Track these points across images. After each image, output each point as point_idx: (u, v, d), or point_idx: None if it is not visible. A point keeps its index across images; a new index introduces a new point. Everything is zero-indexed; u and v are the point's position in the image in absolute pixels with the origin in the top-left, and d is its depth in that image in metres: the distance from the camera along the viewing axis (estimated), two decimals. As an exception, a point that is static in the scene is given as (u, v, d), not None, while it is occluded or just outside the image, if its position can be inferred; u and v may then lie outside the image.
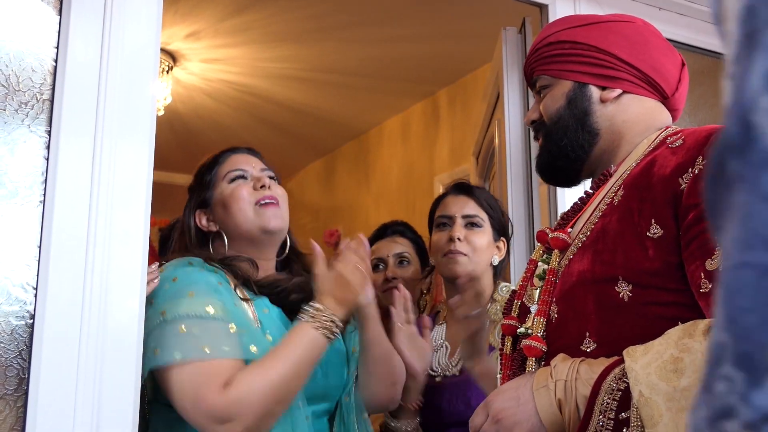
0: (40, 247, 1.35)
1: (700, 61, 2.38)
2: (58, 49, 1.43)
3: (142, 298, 1.40)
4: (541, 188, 2.27)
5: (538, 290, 1.18)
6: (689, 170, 1.02)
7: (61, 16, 1.44)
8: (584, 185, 1.31)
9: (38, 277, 1.34)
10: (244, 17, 3.69)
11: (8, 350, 1.31)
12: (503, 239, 1.97)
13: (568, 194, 2.01)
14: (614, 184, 1.16)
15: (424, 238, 2.25)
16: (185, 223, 1.60)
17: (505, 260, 1.99)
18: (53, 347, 1.31)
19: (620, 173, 1.17)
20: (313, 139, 5.53)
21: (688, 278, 0.99)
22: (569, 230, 1.19)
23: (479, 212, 1.92)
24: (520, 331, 1.18)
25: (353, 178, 5.57)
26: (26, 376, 1.30)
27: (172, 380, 1.32)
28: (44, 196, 1.37)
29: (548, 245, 1.21)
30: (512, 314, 1.25)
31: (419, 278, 2.26)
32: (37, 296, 1.33)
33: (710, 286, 0.95)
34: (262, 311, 1.47)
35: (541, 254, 1.24)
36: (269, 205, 1.54)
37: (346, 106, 4.85)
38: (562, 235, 1.18)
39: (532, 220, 2.26)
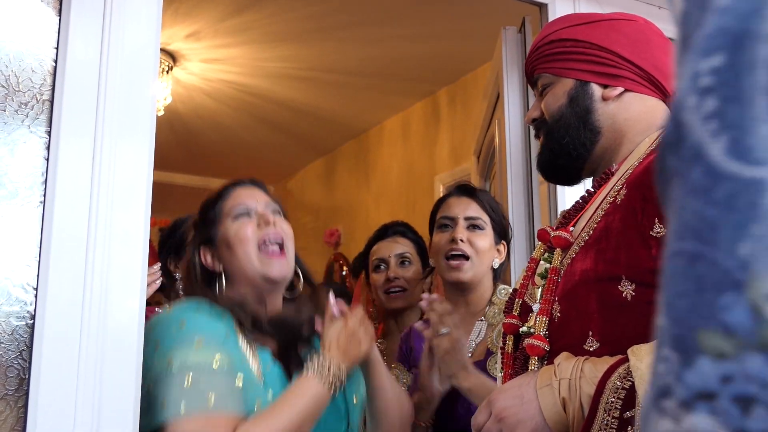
0: (40, 247, 1.35)
1: (700, 59, 2.38)
2: (57, 49, 1.43)
3: (142, 298, 1.40)
4: (541, 187, 2.27)
5: (540, 289, 1.18)
6: None
7: (60, 16, 1.43)
8: (585, 184, 1.31)
9: (38, 277, 1.34)
10: (244, 17, 3.69)
11: (9, 350, 1.31)
12: (503, 243, 1.97)
13: (568, 193, 2.00)
14: (616, 182, 1.15)
15: (424, 238, 2.25)
16: (190, 260, 1.59)
17: (504, 263, 1.99)
18: (54, 347, 1.31)
19: (622, 172, 1.17)
20: (313, 138, 5.53)
21: None
22: (571, 229, 1.19)
23: (482, 215, 1.92)
24: (522, 329, 1.18)
25: (353, 177, 5.56)
26: (27, 376, 1.30)
27: None
28: (44, 196, 1.37)
29: (550, 244, 1.21)
30: (513, 313, 1.24)
31: (420, 278, 2.26)
32: (37, 296, 1.33)
33: None
34: (266, 367, 1.46)
35: (542, 253, 1.24)
36: (273, 252, 1.53)
37: (346, 105, 4.85)
38: (564, 233, 1.17)
39: (532, 219, 2.26)
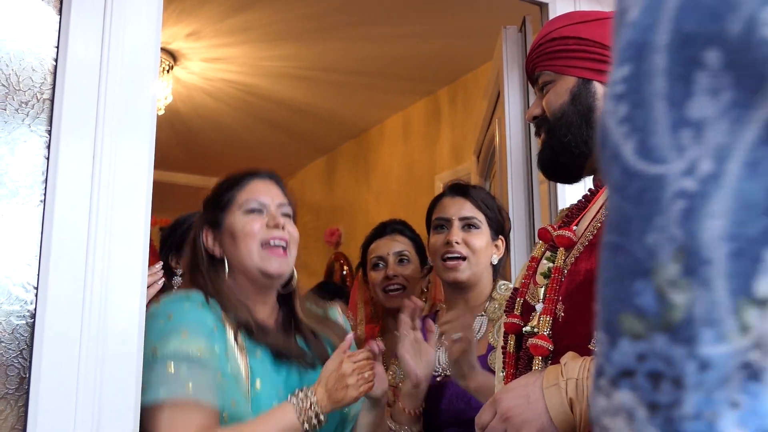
0: (40, 246, 1.35)
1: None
2: (58, 48, 1.42)
3: (142, 297, 1.40)
4: (541, 186, 2.26)
5: (542, 288, 1.17)
6: None
7: (61, 15, 1.43)
8: (585, 182, 1.31)
9: (39, 276, 1.34)
10: (244, 16, 3.69)
11: (9, 350, 1.31)
12: (501, 237, 1.96)
13: (568, 192, 2.00)
14: (619, 182, 1.15)
15: (423, 237, 2.25)
16: (195, 239, 1.60)
17: (504, 258, 1.99)
18: (54, 346, 1.31)
19: (624, 171, 1.16)
20: (313, 137, 5.52)
21: None
22: (574, 228, 1.18)
23: (476, 213, 1.91)
24: (525, 329, 1.17)
25: (354, 176, 5.56)
26: (27, 375, 1.30)
27: (155, 417, 1.36)
28: (45, 195, 1.37)
29: (552, 243, 1.20)
30: (514, 312, 1.24)
31: (419, 277, 2.26)
32: (37, 296, 1.33)
33: None
34: (254, 356, 1.48)
35: (543, 252, 1.23)
36: (276, 249, 1.53)
37: (346, 104, 4.85)
38: (567, 233, 1.17)
39: (532, 217, 2.26)
